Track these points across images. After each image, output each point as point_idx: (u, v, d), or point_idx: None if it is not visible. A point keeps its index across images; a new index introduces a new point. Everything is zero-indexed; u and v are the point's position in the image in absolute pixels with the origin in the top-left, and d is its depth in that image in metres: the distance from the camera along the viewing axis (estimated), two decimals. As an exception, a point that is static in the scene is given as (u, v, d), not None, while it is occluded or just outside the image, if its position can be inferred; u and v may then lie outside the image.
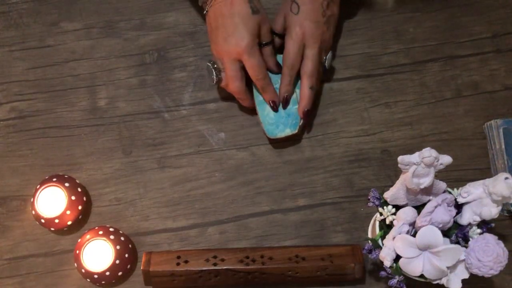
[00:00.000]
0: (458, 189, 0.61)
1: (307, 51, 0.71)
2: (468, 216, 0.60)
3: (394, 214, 0.61)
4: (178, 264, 0.67)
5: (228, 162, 0.75)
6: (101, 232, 0.69)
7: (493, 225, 0.62)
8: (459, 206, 0.61)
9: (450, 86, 0.77)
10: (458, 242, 0.60)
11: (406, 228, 0.59)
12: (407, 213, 0.59)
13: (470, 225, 0.60)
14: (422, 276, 0.59)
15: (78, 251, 0.68)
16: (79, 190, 0.71)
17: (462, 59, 0.78)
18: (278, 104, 0.73)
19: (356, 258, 0.68)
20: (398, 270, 0.60)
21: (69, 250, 0.72)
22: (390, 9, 0.79)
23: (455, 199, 0.60)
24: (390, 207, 0.62)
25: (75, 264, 0.69)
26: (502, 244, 0.57)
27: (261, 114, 0.73)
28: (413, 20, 0.79)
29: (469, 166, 0.74)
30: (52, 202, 0.70)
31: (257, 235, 0.73)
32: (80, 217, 0.72)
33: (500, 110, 0.76)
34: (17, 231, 0.73)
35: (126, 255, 0.69)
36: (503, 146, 0.71)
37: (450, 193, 0.61)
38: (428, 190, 0.60)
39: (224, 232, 0.73)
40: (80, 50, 0.79)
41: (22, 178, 0.75)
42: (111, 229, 0.71)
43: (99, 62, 0.78)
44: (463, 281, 0.59)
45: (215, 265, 0.67)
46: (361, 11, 0.79)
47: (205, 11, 0.71)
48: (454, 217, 0.60)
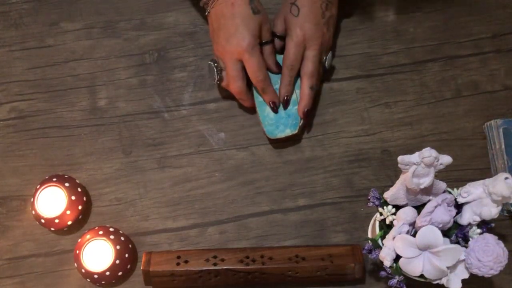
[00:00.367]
0: (458, 189, 0.61)
1: (307, 52, 0.71)
2: (468, 216, 0.59)
3: (394, 214, 0.61)
4: (178, 264, 0.67)
5: (228, 162, 0.75)
6: (101, 232, 0.69)
7: (493, 225, 0.62)
8: (459, 206, 0.61)
9: (450, 86, 0.77)
10: (458, 242, 0.60)
11: (406, 228, 0.59)
12: (407, 213, 0.59)
13: (470, 225, 0.60)
14: (422, 276, 0.59)
15: (78, 251, 0.68)
16: (79, 190, 0.71)
17: (462, 59, 0.78)
18: (278, 105, 0.73)
19: (356, 258, 0.68)
20: (398, 270, 0.60)
21: (69, 250, 0.72)
22: (390, 9, 0.79)
23: (455, 199, 0.60)
24: (390, 207, 0.61)
25: (75, 264, 0.69)
26: (502, 244, 0.57)
27: (261, 114, 0.73)
28: (413, 20, 0.79)
29: (469, 166, 0.74)
30: (52, 202, 0.70)
31: (257, 235, 0.73)
32: (80, 217, 0.72)
33: (500, 110, 0.76)
34: (17, 231, 0.73)
35: (126, 255, 0.69)
36: (503, 146, 0.71)
37: (450, 193, 0.61)
38: (428, 190, 0.60)
39: (224, 232, 0.73)
40: (80, 50, 0.79)
41: (22, 178, 0.75)
42: (111, 229, 0.71)
43: (99, 62, 0.78)
44: (463, 281, 0.59)
45: (215, 265, 0.67)
46: (361, 11, 0.79)
47: (206, 12, 0.71)
48: (454, 217, 0.60)
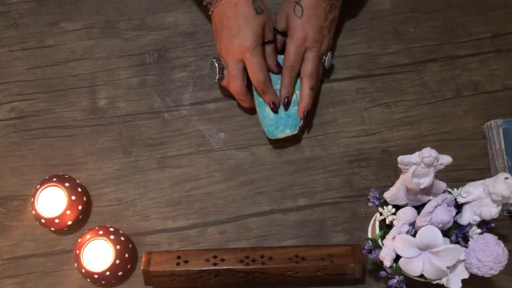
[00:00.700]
0: (458, 189, 0.61)
1: (308, 54, 0.71)
2: (468, 216, 0.59)
3: (394, 214, 0.61)
4: (178, 264, 0.67)
5: (228, 162, 0.75)
6: (101, 232, 0.69)
7: (493, 225, 0.62)
8: (459, 206, 0.61)
9: (450, 86, 0.77)
10: (458, 242, 0.60)
11: (406, 228, 0.59)
12: (407, 213, 0.59)
13: (470, 225, 0.60)
14: (422, 276, 0.59)
15: (78, 251, 0.68)
16: (79, 190, 0.71)
17: (462, 59, 0.78)
18: (278, 105, 0.73)
19: (356, 258, 0.68)
20: (398, 270, 0.60)
21: (69, 250, 0.72)
22: (390, 9, 0.79)
23: (455, 199, 0.60)
24: (390, 207, 0.61)
25: (75, 264, 0.69)
26: (502, 244, 0.57)
27: (261, 115, 0.73)
28: (413, 20, 0.79)
29: (469, 166, 0.74)
30: (52, 202, 0.70)
31: (257, 235, 0.73)
32: (80, 217, 0.72)
33: (500, 110, 0.76)
34: (17, 231, 0.73)
35: (126, 255, 0.69)
36: (503, 146, 0.71)
37: (450, 193, 0.61)
38: (428, 190, 0.60)
39: (224, 232, 0.73)
40: (80, 50, 0.79)
41: (22, 178, 0.75)
42: (111, 229, 0.71)
43: (99, 62, 0.78)
44: (463, 281, 0.59)
45: (215, 265, 0.67)
46: (361, 11, 0.79)
47: (210, 12, 0.71)
48: (454, 217, 0.60)
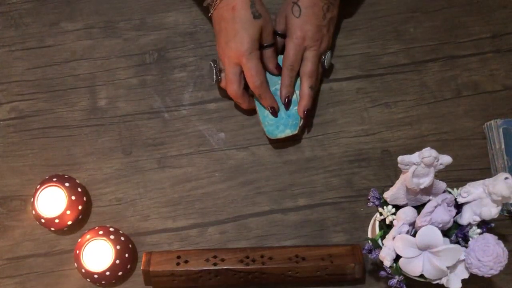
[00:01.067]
0: (458, 189, 0.61)
1: (307, 53, 0.71)
2: (468, 216, 0.59)
3: (394, 214, 0.61)
4: (178, 264, 0.67)
5: (228, 162, 0.75)
6: (101, 232, 0.69)
7: (493, 225, 0.62)
8: (459, 206, 0.61)
9: (450, 86, 0.77)
10: (458, 242, 0.60)
11: (406, 228, 0.59)
12: (407, 213, 0.59)
13: (470, 225, 0.60)
14: (422, 276, 0.59)
15: (78, 251, 0.68)
16: (79, 190, 0.71)
17: (462, 59, 0.78)
18: (278, 110, 0.72)
19: (356, 258, 0.68)
20: (398, 270, 0.60)
21: (69, 250, 0.72)
22: (390, 9, 0.79)
23: (455, 199, 0.60)
24: (390, 207, 0.61)
25: (75, 264, 0.69)
26: (502, 244, 0.57)
27: (261, 114, 0.73)
28: (413, 20, 0.79)
29: (469, 166, 0.74)
30: (52, 202, 0.70)
31: (257, 235, 0.73)
32: (80, 217, 0.72)
33: (500, 110, 0.76)
34: (17, 231, 0.73)
35: (126, 255, 0.69)
36: (503, 146, 0.71)
37: (450, 193, 0.61)
38: (428, 190, 0.60)
39: (224, 232, 0.73)
40: (80, 50, 0.79)
41: (22, 178, 0.75)
42: (111, 229, 0.71)
43: (99, 62, 0.78)
44: (463, 281, 0.59)
45: (215, 265, 0.67)
46: (361, 11, 0.79)
47: (210, 13, 0.71)
48: (454, 217, 0.60)
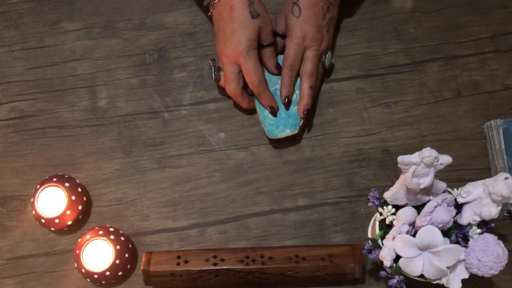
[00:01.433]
0: (458, 189, 0.61)
1: (307, 53, 0.71)
2: (468, 216, 0.59)
3: (394, 214, 0.61)
4: (178, 264, 0.67)
5: (228, 162, 0.75)
6: (101, 232, 0.69)
7: (493, 225, 0.62)
8: (459, 206, 0.61)
9: (450, 86, 0.77)
10: (458, 242, 0.60)
11: (406, 228, 0.59)
12: (407, 213, 0.59)
13: (470, 225, 0.60)
14: (422, 276, 0.59)
15: (78, 251, 0.68)
16: (79, 190, 0.71)
17: (462, 59, 0.78)
18: (277, 109, 0.72)
19: (356, 258, 0.68)
20: (398, 270, 0.60)
21: (69, 250, 0.73)
22: (390, 9, 0.79)
23: (455, 199, 0.60)
24: (390, 207, 0.61)
25: (75, 264, 0.69)
26: (502, 244, 0.57)
27: (261, 114, 0.73)
28: (413, 20, 0.79)
29: (469, 166, 0.74)
30: (52, 202, 0.70)
31: (257, 235, 0.73)
32: (80, 217, 0.72)
33: (500, 110, 0.76)
34: (17, 231, 0.74)
35: (126, 255, 0.69)
36: (503, 146, 0.71)
37: (450, 193, 0.61)
38: (428, 190, 0.60)
39: (224, 232, 0.73)
40: (80, 50, 0.79)
41: (22, 178, 0.75)
42: (111, 229, 0.71)
43: (99, 62, 0.78)
44: (463, 281, 0.59)
45: (215, 265, 0.67)
46: (361, 11, 0.79)
47: (209, 12, 0.71)
48: (454, 217, 0.60)
